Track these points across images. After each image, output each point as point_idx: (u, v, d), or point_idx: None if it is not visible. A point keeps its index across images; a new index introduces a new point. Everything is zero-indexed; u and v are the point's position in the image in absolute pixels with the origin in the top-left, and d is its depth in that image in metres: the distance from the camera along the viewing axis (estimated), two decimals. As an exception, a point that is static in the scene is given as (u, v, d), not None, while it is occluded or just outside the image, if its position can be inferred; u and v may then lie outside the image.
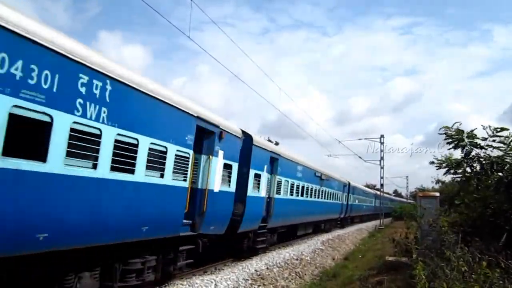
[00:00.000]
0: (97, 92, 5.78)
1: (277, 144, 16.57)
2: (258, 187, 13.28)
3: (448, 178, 13.90)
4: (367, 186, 57.89)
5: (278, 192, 15.26)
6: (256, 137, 13.65)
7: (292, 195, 17.28)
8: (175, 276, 9.14)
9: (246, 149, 12.14)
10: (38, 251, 5.16)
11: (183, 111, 8.19)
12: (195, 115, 8.67)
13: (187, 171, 8.43)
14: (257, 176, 13.12)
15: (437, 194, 11.49)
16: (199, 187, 9.23)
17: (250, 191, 12.49)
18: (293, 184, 17.33)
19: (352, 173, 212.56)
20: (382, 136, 38.05)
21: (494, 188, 8.66)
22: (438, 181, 23.03)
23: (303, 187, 18.87)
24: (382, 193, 42.03)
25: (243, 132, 12.19)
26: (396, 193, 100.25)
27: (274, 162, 14.77)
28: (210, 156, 9.48)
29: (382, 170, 38.06)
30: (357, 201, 36.89)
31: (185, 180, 8.38)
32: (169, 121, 7.77)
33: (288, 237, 19.09)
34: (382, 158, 37.89)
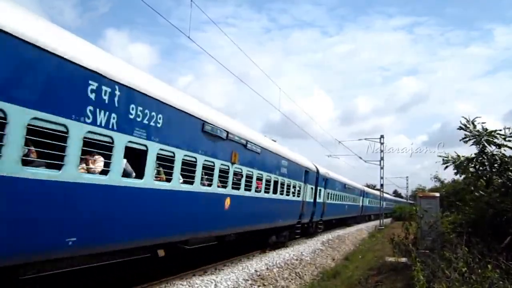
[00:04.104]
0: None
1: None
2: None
3: (448, 177, 13.87)
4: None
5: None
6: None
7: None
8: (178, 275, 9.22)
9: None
10: None
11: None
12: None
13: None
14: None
15: (437, 194, 11.50)
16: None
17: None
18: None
19: (352, 173, 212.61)
20: (382, 136, 38.07)
21: (501, 189, 8.64)
22: (437, 179, 23.01)
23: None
24: (382, 193, 42.06)
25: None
26: (396, 193, 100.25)
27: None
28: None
29: (382, 170, 38.09)
30: (334, 198, 26.47)
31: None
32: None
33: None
34: (382, 158, 37.90)
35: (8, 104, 4.37)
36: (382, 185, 39.66)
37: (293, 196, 16.91)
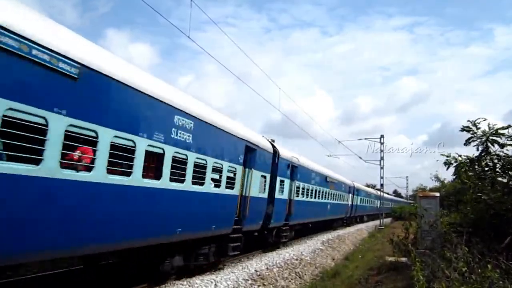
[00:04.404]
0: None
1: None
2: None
3: (448, 177, 13.88)
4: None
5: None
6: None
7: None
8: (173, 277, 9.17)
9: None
10: None
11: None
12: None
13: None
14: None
15: (437, 194, 11.48)
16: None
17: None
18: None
19: (352, 173, 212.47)
20: (382, 136, 38.05)
21: (504, 189, 8.64)
22: (437, 179, 23.01)
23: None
24: (382, 193, 42.05)
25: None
26: (396, 193, 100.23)
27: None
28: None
29: (382, 170, 38.07)
30: (308, 194, 20.32)
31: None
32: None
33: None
34: (382, 158, 37.88)
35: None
36: (382, 185, 39.65)
37: (216, 186, 10.15)
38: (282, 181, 15.62)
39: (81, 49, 5.87)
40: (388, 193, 68.08)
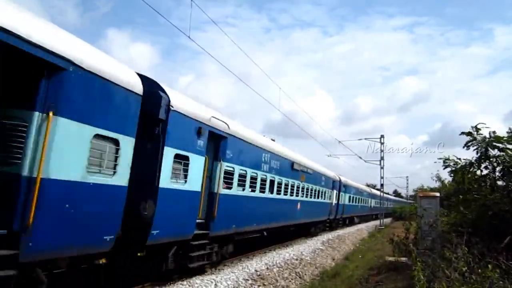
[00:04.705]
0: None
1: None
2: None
3: (449, 177, 13.87)
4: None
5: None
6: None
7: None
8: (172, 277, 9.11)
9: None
10: None
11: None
12: None
13: None
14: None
15: (437, 194, 11.47)
16: None
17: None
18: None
19: (353, 173, 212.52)
20: (382, 136, 38.06)
21: (503, 192, 8.66)
22: (439, 179, 22.99)
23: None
24: (382, 193, 42.03)
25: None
26: (396, 193, 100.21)
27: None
28: None
29: (382, 170, 38.07)
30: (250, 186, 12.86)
31: None
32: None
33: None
34: (382, 158, 37.89)
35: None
36: (382, 185, 39.67)
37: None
38: (182, 158, 8.48)
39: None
40: (387, 193, 68.09)
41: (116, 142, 6.49)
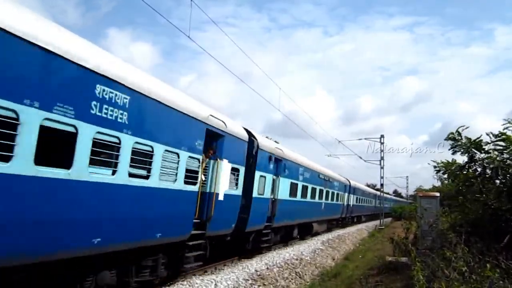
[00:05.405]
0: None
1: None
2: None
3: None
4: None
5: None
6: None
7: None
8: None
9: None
10: None
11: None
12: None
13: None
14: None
15: (437, 194, 11.50)
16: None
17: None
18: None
19: (353, 173, 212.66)
20: (382, 136, 38.06)
21: (495, 193, 8.67)
22: (439, 178, 22.98)
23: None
24: (382, 193, 42.02)
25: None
26: (396, 193, 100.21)
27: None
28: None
29: (382, 170, 38.07)
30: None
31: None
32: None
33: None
34: (382, 158, 37.88)
35: None
36: (382, 185, 39.66)
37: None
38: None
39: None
40: (388, 193, 68.07)
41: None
